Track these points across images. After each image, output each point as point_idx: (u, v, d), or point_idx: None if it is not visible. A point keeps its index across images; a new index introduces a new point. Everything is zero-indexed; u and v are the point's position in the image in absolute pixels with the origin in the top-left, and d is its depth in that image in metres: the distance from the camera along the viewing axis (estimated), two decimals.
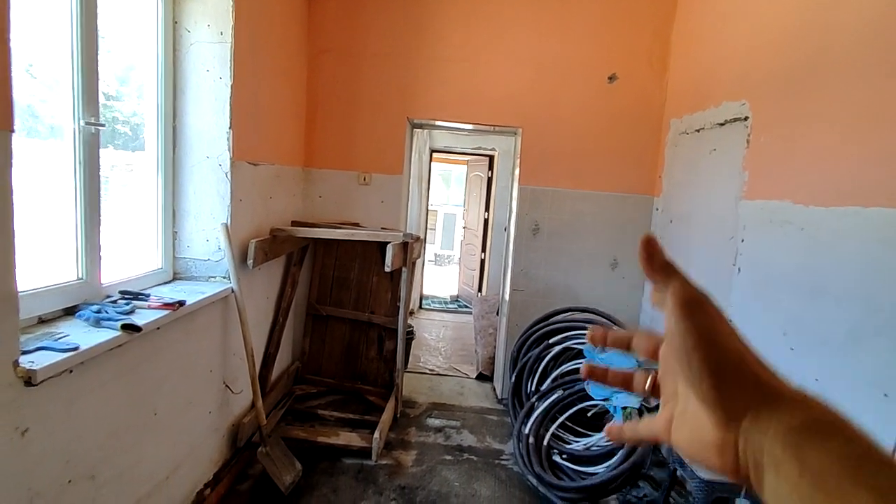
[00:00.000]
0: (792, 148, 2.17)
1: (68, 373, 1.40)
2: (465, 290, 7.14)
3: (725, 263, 2.57)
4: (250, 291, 2.69)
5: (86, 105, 1.70)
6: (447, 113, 3.56)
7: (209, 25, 2.28)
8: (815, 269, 1.98)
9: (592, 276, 3.65)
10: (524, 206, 3.60)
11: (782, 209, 2.18)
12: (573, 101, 3.51)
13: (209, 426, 2.37)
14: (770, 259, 2.26)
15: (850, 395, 1.76)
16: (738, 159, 2.54)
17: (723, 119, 2.72)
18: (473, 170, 7.14)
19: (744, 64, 2.58)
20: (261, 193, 2.79)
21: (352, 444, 2.79)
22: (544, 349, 3.22)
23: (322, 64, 3.48)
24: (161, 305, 1.87)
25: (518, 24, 3.46)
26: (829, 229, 1.93)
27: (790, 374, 1.46)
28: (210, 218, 2.38)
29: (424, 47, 3.48)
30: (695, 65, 3.14)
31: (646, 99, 3.50)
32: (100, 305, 1.72)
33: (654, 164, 3.56)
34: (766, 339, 2.23)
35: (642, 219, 3.60)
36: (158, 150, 2.25)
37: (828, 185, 1.96)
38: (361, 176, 3.58)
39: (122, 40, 2.16)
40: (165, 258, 2.33)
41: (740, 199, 2.49)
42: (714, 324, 0.33)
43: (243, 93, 2.43)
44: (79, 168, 1.71)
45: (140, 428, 1.80)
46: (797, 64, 2.17)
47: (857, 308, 1.77)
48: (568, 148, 3.55)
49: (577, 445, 2.84)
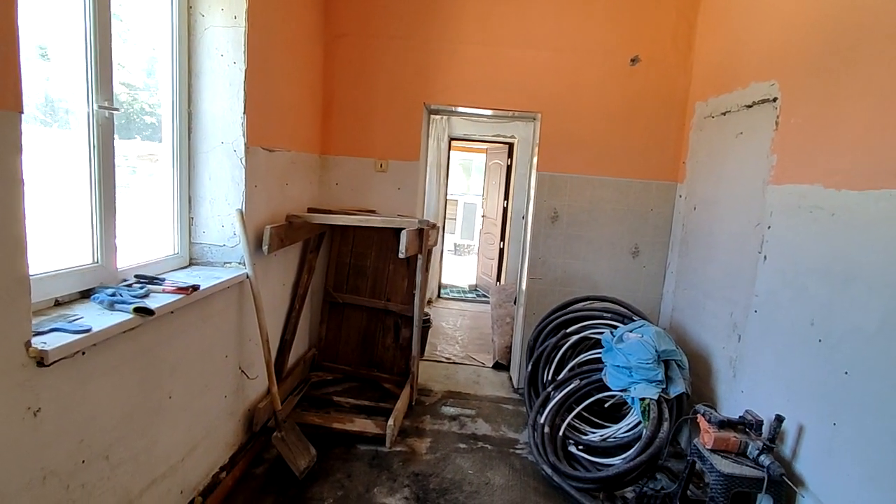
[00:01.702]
0: (823, 129, 2.06)
1: (81, 354, 1.41)
2: (484, 279, 7.10)
3: (751, 251, 2.48)
4: (266, 277, 2.70)
5: (100, 88, 1.70)
6: (464, 98, 3.50)
7: (223, 9, 2.26)
8: (846, 255, 1.89)
9: (612, 265, 3.57)
10: (543, 193, 3.54)
11: (812, 193, 2.09)
12: (594, 85, 3.42)
13: (225, 410, 2.39)
14: (798, 246, 2.16)
15: (884, 389, 1.68)
16: (765, 142, 2.43)
17: (750, 101, 2.61)
18: (493, 158, 7.06)
19: (773, 43, 2.46)
20: (277, 179, 2.79)
21: (366, 430, 2.80)
22: (562, 338, 3.17)
23: (338, 49, 3.45)
24: (175, 290, 1.88)
25: (537, 6, 3.37)
26: (861, 214, 1.83)
27: (818, 367, 1.40)
28: (225, 204, 2.38)
29: (441, 31, 3.42)
30: (721, 45, 3.02)
31: (669, 82, 3.39)
32: (115, 289, 1.74)
33: (677, 149, 3.45)
34: (792, 329, 2.15)
35: (665, 206, 3.50)
36: (174, 136, 2.26)
37: (861, 167, 1.85)
38: (378, 163, 3.56)
39: (145, 31, 2.16)
40: (181, 244, 2.34)
41: (767, 183, 2.39)
42: None
43: (258, 77, 2.42)
44: (93, 153, 1.72)
45: (155, 410, 1.82)
46: (830, 41, 2.06)
47: (891, 296, 1.68)
48: (588, 133, 3.46)
49: (593, 436, 2.80)
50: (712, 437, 2.13)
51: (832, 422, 1.89)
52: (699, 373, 2.87)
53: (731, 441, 2.12)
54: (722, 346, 2.72)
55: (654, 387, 2.57)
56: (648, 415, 2.55)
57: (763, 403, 2.28)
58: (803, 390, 2.06)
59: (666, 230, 3.52)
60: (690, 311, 3.15)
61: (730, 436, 2.13)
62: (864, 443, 1.74)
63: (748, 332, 2.48)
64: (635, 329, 2.82)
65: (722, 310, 2.74)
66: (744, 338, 2.51)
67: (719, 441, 2.13)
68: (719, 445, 2.13)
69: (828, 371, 1.93)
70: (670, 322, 3.40)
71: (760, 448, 2.05)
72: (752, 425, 2.16)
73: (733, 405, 2.54)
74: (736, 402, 2.52)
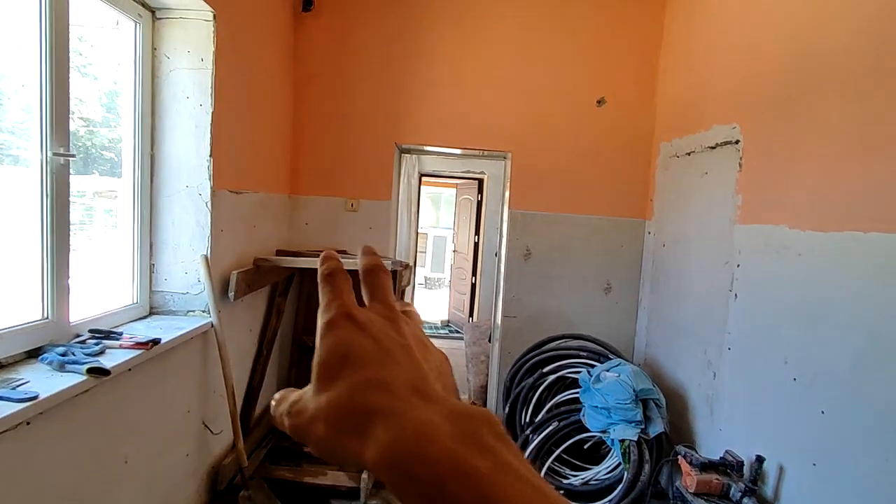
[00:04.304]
0: (786, 171, 2.14)
1: (25, 425, 1.29)
2: (456, 314, 7.04)
3: (722, 289, 2.52)
4: (232, 324, 2.58)
5: (55, 134, 1.62)
6: (435, 138, 3.52)
7: (189, 52, 2.22)
8: (816, 295, 1.93)
9: (585, 302, 3.58)
10: (515, 231, 3.55)
11: (778, 234, 2.14)
12: (562, 125, 3.49)
13: (186, 470, 2.23)
14: (768, 285, 2.20)
15: (860, 429, 1.69)
16: (730, 183, 2.50)
17: (713, 142, 2.70)
18: (463, 193, 7.11)
19: (733, 87, 2.56)
20: (244, 222, 2.70)
21: (340, 483, 2.65)
22: (538, 378, 3.13)
23: (308, 90, 3.43)
24: (134, 345, 1.76)
25: (506, 49, 3.45)
26: (827, 255, 1.88)
27: (795, 406, 1.37)
28: (189, 249, 2.28)
29: (413, 72, 3.45)
30: (683, 88, 3.14)
31: (635, 122, 3.49)
32: (66, 347, 1.61)
33: (645, 187, 3.53)
34: (766, 367, 2.17)
35: (635, 242, 3.56)
36: (136, 180, 2.17)
37: (824, 209, 1.91)
38: (349, 202, 3.51)
39: (106, 65, 2.10)
40: (141, 292, 2.22)
41: (734, 223, 2.45)
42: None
43: (225, 120, 2.37)
44: (46, 200, 1.62)
45: (109, 478, 1.68)
46: (789, 87, 2.16)
47: (861, 336, 1.71)
48: (558, 172, 3.51)
49: (574, 480, 2.73)
50: (695, 480, 2.11)
51: (812, 462, 1.89)
52: (677, 410, 2.87)
53: (714, 483, 2.10)
54: (698, 382, 2.72)
55: (634, 427, 2.54)
56: (629, 457, 2.51)
57: (742, 442, 2.27)
58: (781, 429, 2.06)
59: (636, 267, 3.57)
60: (664, 348, 3.16)
61: (712, 478, 2.11)
62: (844, 484, 1.74)
63: (723, 370, 2.49)
64: (612, 368, 2.80)
65: (696, 347, 2.76)
66: (719, 375, 2.52)
67: (702, 484, 2.10)
68: (702, 489, 2.10)
69: (804, 410, 1.94)
70: (645, 358, 3.41)
71: (743, 490, 2.03)
72: (733, 466, 2.14)
73: (712, 444, 2.52)
74: (715, 441, 2.51)
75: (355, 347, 0.30)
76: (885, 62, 1.69)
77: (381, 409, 0.27)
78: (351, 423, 0.27)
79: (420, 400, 0.28)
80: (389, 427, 0.26)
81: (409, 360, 0.31)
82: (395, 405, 0.27)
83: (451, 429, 0.26)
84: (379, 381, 0.29)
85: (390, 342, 0.32)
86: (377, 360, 0.30)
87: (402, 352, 0.31)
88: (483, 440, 0.26)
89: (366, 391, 0.28)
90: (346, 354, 0.30)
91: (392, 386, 0.28)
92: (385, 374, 0.29)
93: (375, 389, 0.28)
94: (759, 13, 2.40)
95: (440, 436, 0.25)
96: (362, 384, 0.29)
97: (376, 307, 0.35)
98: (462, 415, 0.27)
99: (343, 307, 0.33)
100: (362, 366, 0.29)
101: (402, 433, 0.26)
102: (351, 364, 0.30)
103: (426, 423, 0.26)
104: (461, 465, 0.24)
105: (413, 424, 0.26)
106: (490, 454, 0.25)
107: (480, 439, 0.26)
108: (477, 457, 0.25)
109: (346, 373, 0.29)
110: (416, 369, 0.31)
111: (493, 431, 0.26)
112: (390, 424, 0.26)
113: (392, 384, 0.29)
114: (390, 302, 0.36)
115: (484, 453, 0.25)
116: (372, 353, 0.30)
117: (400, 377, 0.29)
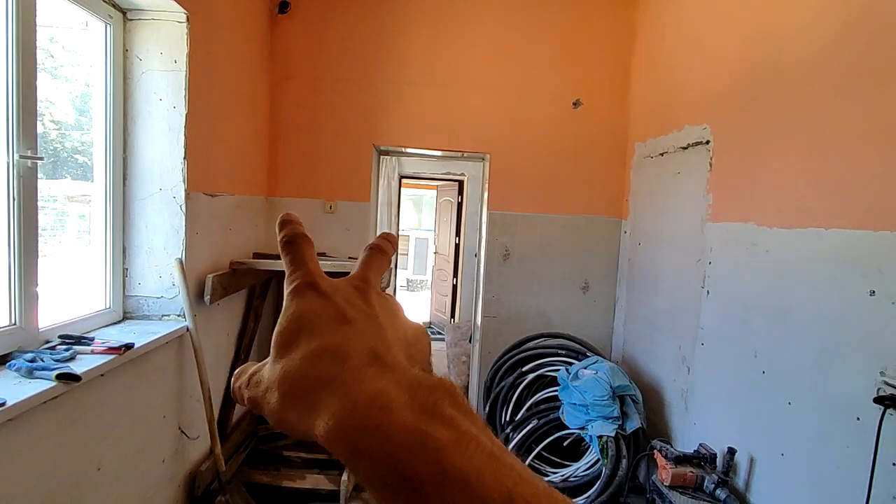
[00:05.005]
0: (753, 170, 2.20)
1: None
2: (438, 316, 7.05)
3: (694, 286, 2.58)
4: (208, 328, 2.56)
5: (22, 136, 1.59)
6: (414, 140, 3.53)
7: (162, 53, 2.20)
8: (783, 290, 1.99)
9: (564, 300, 3.62)
10: (494, 232, 3.58)
11: (747, 231, 2.20)
12: (539, 127, 3.53)
13: (163, 476, 2.20)
14: (738, 281, 2.26)
15: (824, 419, 1.75)
16: (701, 182, 2.56)
17: (685, 143, 2.76)
18: (443, 195, 7.13)
19: (704, 89, 2.63)
20: (220, 225, 2.67)
21: (319, 487, 2.64)
22: (518, 377, 3.15)
23: (284, 90, 3.41)
24: (106, 350, 1.74)
25: (483, 51, 3.48)
26: (793, 251, 1.94)
27: (764, 398, 1.42)
28: (164, 253, 2.25)
29: (389, 73, 3.46)
30: (656, 90, 3.20)
31: (610, 123, 3.55)
32: (35, 353, 1.58)
33: (620, 186, 3.59)
34: (738, 361, 2.22)
35: (611, 241, 3.61)
36: (108, 183, 2.13)
37: (789, 207, 1.98)
38: (327, 204, 3.50)
39: (78, 67, 2.07)
40: (114, 297, 2.18)
41: (706, 221, 2.51)
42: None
43: (199, 122, 2.35)
44: (13, 204, 1.59)
45: (81, 486, 1.65)
46: (754, 88, 2.22)
47: (825, 330, 1.77)
48: (536, 173, 3.55)
49: (554, 477, 2.76)
50: (670, 473, 2.15)
51: (780, 452, 1.94)
52: (653, 405, 2.92)
53: (688, 476, 2.14)
54: (673, 378, 2.78)
55: (611, 423, 2.58)
56: (607, 452, 2.55)
57: (716, 435, 2.33)
58: (752, 421, 2.12)
59: (613, 265, 3.62)
60: (641, 345, 3.22)
61: (686, 471, 2.16)
62: (810, 473, 1.80)
63: (696, 365, 2.55)
64: (590, 366, 2.84)
65: (670, 343, 2.82)
66: (693, 370, 2.58)
67: (677, 477, 2.14)
68: (677, 481, 2.14)
69: (772, 402, 1.99)
70: (622, 355, 3.46)
71: (716, 482, 2.08)
72: (706, 459, 2.19)
73: (687, 437, 2.58)
74: (689, 435, 2.56)
75: (312, 316, 0.29)
76: (841, 67, 1.76)
77: (332, 379, 0.26)
78: (300, 394, 0.26)
79: (377, 369, 0.26)
80: (338, 397, 0.25)
81: (373, 328, 0.30)
82: (346, 374, 0.26)
83: (407, 399, 0.24)
84: (333, 349, 0.27)
85: (354, 310, 0.30)
86: (334, 328, 0.29)
87: (365, 320, 0.30)
88: (443, 410, 0.24)
89: (318, 360, 0.27)
90: (303, 323, 0.29)
91: (347, 354, 0.27)
92: (341, 341, 0.28)
93: (328, 358, 0.27)
94: (726, 19, 2.46)
95: (395, 406, 0.24)
96: (315, 352, 0.27)
97: (350, 278, 0.34)
98: (421, 385, 0.25)
99: (306, 275, 0.32)
100: (318, 334, 0.28)
101: (353, 404, 0.24)
102: (307, 333, 0.28)
103: (380, 392, 0.25)
104: (417, 437, 0.23)
105: (365, 395, 0.25)
106: (450, 425, 0.23)
107: (440, 410, 0.24)
108: (435, 427, 0.23)
109: (302, 342, 0.28)
110: (378, 337, 0.29)
111: (453, 402, 0.25)
112: (339, 394, 0.25)
113: (348, 352, 0.27)
114: (367, 276, 0.35)
115: (443, 424, 0.23)
116: (329, 320, 0.29)
117: (357, 345, 0.28)
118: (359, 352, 0.27)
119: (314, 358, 0.27)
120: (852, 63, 1.72)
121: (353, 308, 0.31)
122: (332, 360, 0.27)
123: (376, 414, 0.24)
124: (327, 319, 0.29)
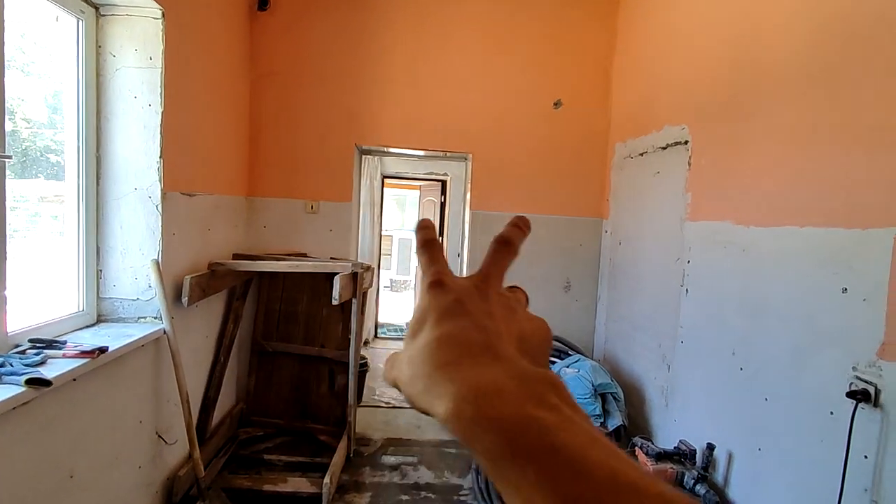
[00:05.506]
0: (729, 169, 2.23)
1: None
2: None
3: (674, 284, 2.61)
4: (187, 331, 2.51)
5: None
6: (396, 139, 3.51)
7: (136, 50, 2.15)
8: (759, 288, 2.02)
9: (547, 300, 3.64)
10: (477, 231, 3.58)
11: (724, 230, 2.23)
12: (521, 127, 3.54)
13: (139, 483, 2.15)
14: (716, 279, 2.29)
15: (799, 414, 1.78)
16: (680, 182, 2.60)
17: (664, 143, 2.79)
18: (426, 195, 7.11)
19: (682, 90, 2.66)
20: (198, 225, 2.63)
21: (301, 490, 2.61)
22: None
23: (265, 88, 3.37)
24: (78, 353, 1.69)
25: (465, 52, 3.48)
26: (768, 249, 1.98)
27: (741, 394, 1.44)
28: (139, 254, 2.20)
29: (371, 72, 3.44)
30: (636, 91, 3.24)
31: (590, 124, 3.58)
32: (4, 358, 1.53)
33: (601, 186, 3.62)
34: (716, 359, 2.25)
35: (592, 241, 3.64)
36: (80, 182, 2.08)
37: (764, 205, 2.01)
38: (308, 204, 3.46)
39: (50, 64, 2.01)
40: (88, 299, 2.13)
41: (685, 220, 2.54)
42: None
43: (176, 120, 2.30)
44: None
45: (52, 494, 1.60)
46: (732, 89, 2.26)
47: (800, 327, 1.81)
48: (518, 172, 3.56)
49: None
50: (651, 470, 2.17)
51: (757, 447, 1.98)
52: (634, 403, 2.95)
53: (668, 473, 2.17)
54: (653, 376, 2.81)
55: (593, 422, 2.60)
56: None
57: (696, 431, 2.36)
58: (730, 418, 2.15)
59: (594, 265, 3.65)
60: (622, 343, 3.25)
61: (667, 467, 2.18)
62: (786, 468, 1.83)
63: (676, 363, 2.58)
64: (572, 364, 2.86)
65: (651, 341, 2.85)
66: (673, 367, 2.61)
67: (658, 473, 2.16)
68: None
69: (750, 398, 2.03)
70: (604, 353, 3.49)
71: (696, 478, 2.10)
72: (686, 455, 2.22)
73: (668, 434, 2.61)
74: (670, 431, 2.59)
75: (437, 308, 0.33)
76: (814, 69, 1.80)
77: (449, 364, 0.29)
78: (423, 377, 0.30)
79: (489, 359, 0.29)
80: (455, 381, 0.28)
81: (487, 322, 0.33)
82: (463, 362, 0.29)
83: (515, 387, 0.27)
84: (452, 340, 0.31)
85: (473, 306, 0.34)
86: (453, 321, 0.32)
87: (481, 315, 0.33)
88: (548, 399, 0.27)
89: (439, 347, 0.31)
90: (428, 314, 0.33)
91: (464, 344, 0.30)
92: (458, 332, 0.31)
93: (446, 346, 0.30)
94: (706, 21, 2.50)
95: (505, 392, 0.27)
96: (436, 340, 0.31)
97: (473, 276, 0.38)
98: (528, 375, 0.28)
99: (436, 274, 0.37)
100: (439, 325, 0.32)
101: (467, 389, 0.27)
102: (431, 323, 0.32)
103: (491, 380, 0.28)
104: (526, 419, 0.25)
105: (477, 381, 0.28)
106: (554, 410, 0.26)
107: (545, 398, 0.27)
108: (542, 411, 0.26)
109: (426, 331, 0.32)
110: (492, 331, 0.32)
111: (557, 393, 0.27)
112: (455, 378, 0.28)
113: (465, 342, 0.31)
114: (489, 275, 0.39)
115: (549, 409, 0.26)
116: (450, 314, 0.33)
117: (473, 336, 0.31)
118: (474, 342, 0.31)
119: (435, 345, 0.31)
120: (826, 65, 1.76)
121: (472, 303, 0.34)
122: (451, 349, 0.30)
123: (490, 398, 0.27)
124: (448, 313, 0.33)
